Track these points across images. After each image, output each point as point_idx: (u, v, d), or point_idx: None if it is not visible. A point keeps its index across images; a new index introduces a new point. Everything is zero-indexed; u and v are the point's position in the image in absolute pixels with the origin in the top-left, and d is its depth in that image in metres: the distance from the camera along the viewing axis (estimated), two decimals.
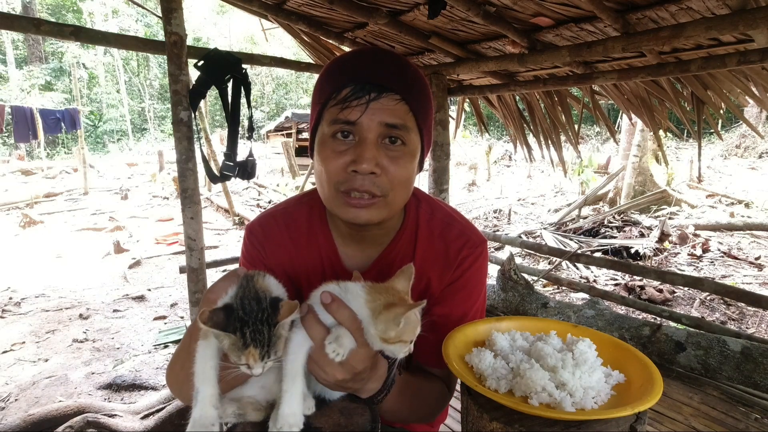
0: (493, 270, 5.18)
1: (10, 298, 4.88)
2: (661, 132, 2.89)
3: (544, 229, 7.27)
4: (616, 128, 10.10)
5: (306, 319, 0.66)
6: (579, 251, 5.26)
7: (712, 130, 3.02)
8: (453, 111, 3.64)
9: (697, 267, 5.68)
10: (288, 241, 0.92)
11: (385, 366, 0.75)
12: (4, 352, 3.76)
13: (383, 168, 0.76)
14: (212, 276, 5.67)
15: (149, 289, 5.23)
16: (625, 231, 6.68)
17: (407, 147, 0.79)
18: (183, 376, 0.68)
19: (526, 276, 3.44)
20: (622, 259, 5.85)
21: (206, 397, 0.61)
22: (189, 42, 2.14)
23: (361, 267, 0.90)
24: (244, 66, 2.27)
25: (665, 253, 6.06)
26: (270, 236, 0.93)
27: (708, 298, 4.68)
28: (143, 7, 3.79)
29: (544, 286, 5.10)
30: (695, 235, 6.69)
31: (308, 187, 5.57)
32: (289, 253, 0.92)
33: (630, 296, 4.49)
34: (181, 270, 2.35)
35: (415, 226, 0.92)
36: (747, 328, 4.18)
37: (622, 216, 7.45)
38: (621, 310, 4.15)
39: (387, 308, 0.64)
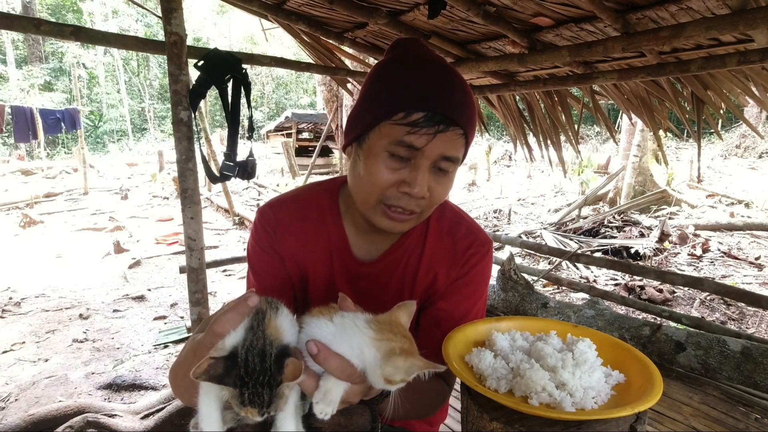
0: (493, 270, 5.16)
1: (10, 298, 4.88)
2: (661, 132, 2.89)
3: (544, 229, 7.27)
4: (616, 128, 10.11)
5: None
6: (579, 251, 5.26)
7: (712, 130, 3.02)
8: None
9: (697, 267, 5.68)
10: (298, 227, 0.93)
11: None
12: (4, 352, 3.76)
13: (430, 191, 0.81)
14: (212, 276, 5.68)
15: (149, 289, 5.23)
16: (625, 231, 6.68)
17: (451, 175, 0.83)
18: (186, 384, 0.68)
19: (526, 276, 3.44)
20: (622, 259, 5.85)
21: (212, 423, 0.59)
22: (189, 42, 2.14)
23: (370, 257, 0.93)
24: (244, 66, 2.27)
25: (665, 253, 6.06)
26: (281, 221, 0.93)
27: (708, 298, 4.68)
28: (143, 7, 3.79)
29: (544, 286, 5.10)
30: (695, 235, 6.69)
31: None
32: (298, 239, 0.93)
33: (630, 296, 4.49)
34: (181, 270, 2.35)
35: (425, 222, 0.94)
36: (747, 328, 4.18)
37: (622, 216, 7.45)
38: (621, 310, 4.15)
39: (404, 356, 0.61)
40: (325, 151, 16.06)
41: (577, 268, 5.58)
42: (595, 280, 5.29)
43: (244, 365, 0.56)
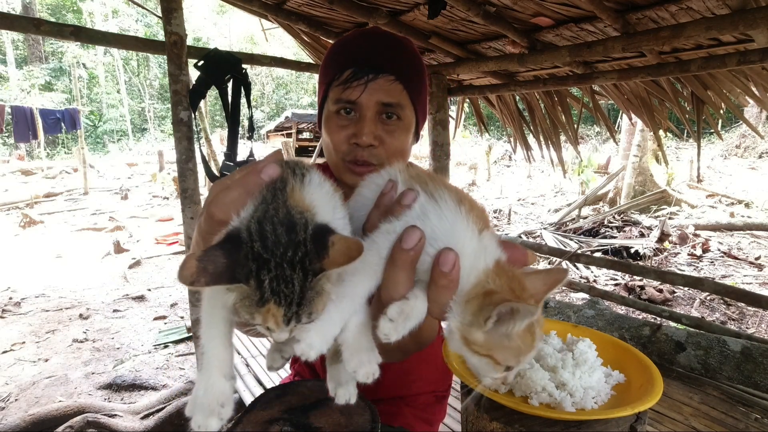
0: None
1: (10, 298, 4.88)
2: (661, 132, 2.89)
3: (544, 229, 7.27)
4: (616, 128, 10.11)
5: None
6: (579, 251, 5.26)
7: (712, 130, 3.02)
8: (453, 111, 3.64)
9: (697, 267, 5.68)
10: None
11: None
12: (4, 352, 3.76)
13: (381, 140, 0.86)
14: None
15: (149, 289, 5.23)
16: (625, 231, 6.68)
17: (402, 122, 0.89)
18: None
19: None
20: (622, 259, 5.85)
21: (214, 364, 0.43)
22: (189, 42, 2.14)
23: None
24: (244, 66, 2.27)
25: (665, 253, 6.06)
26: None
27: (708, 298, 4.68)
28: (143, 7, 3.80)
29: None
30: (695, 235, 6.69)
31: None
32: None
33: (630, 296, 4.49)
34: None
35: None
36: (747, 328, 4.18)
37: (622, 216, 7.46)
38: (621, 310, 4.15)
39: (486, 295, 0.45)
40: None
41: (577, 268, 5.58)
42: (595, 280, 5.29)
43: (259, 238, 0.37)
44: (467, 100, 3.49)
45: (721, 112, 2.54)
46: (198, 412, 0.42)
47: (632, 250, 5.97)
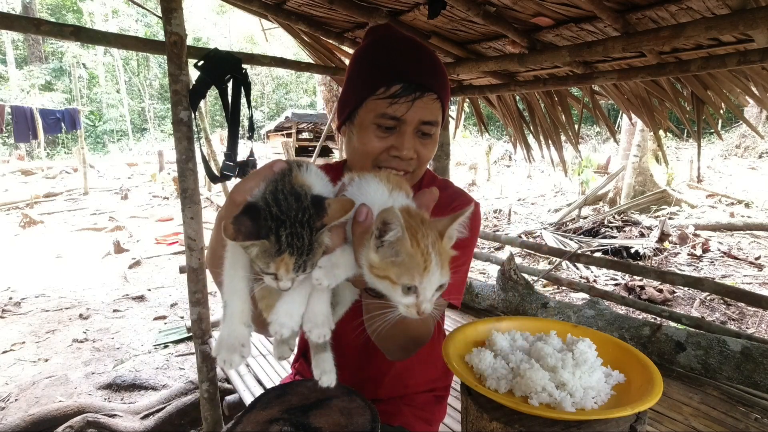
0: (493, 270, 5.18)
1: (10, 298, 4.88)
2: (661, 132, 2.89)
3: (544, 229, 7.27)
4: (616, 128, 10.09)
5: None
6: (579, 251, 5.26)
7: (712, 130, 3.02)
8: (453, 111, 3.64)
9: (697, 267, 5.68)
10: None
11: None
12: (4, 352, 3.76)
13: (417, 153, 0.93)
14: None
15: (149, 289, 5.24)
16: (625, 231, 6.68)
17: (434, 136, 0.96)
18: (218, 260, 0.65)
19: (526, 276, 3.44)
20: (622, 259, 5.85)
21: (235, 314, 0.54)
22: (189, 42, 2.14)
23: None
24: (244, 66, 2.27)
25: (665, 253, 6.06)
26: None
27: (708, 298, 4.68)
28: (143, 7, 3.80)
29: (544, 286, 5.10)
30: (695, 235, 6.69)
31: None
32: None
33: (630, 296, 4.49)
34: (181, 270, 2.35)
35: (419, 185, 1.09)
36: (747, 328, 4.18)
37: (622, 216, 7.45)
38: (621, 310, 4.15)
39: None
40: (325, 151, 16.04)
41: (577, 268, 5.58)
42: (595, 280, 5.29)
43: (276, 204, 0.50)
44: (467, 100, 3.49)
45: (721, 112, 2.54)
46: (223, 350, 0.53)
47: (632, 250, 5.96)
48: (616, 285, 5.16)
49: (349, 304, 0.73)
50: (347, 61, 3.34)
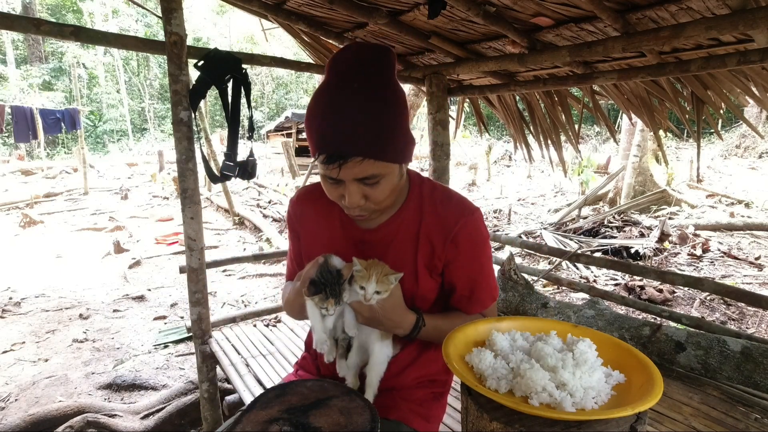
0: (493, 269, 5.16)
1: (10, 298, 4.88)
2: (661, 132, 2.89)
3: (544, 229, 7.27)
4: (616, 128, 10.09)
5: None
6: (579, 251, 5.26)
7: (712, 130, 3.02)
8: (453, 111, 3.64)
9: (697, 267, 5.68)
10: (313, 207, 1.15)
11: (410, 321, 1.00)
12: (4, 352, 3.76)
13: (367, 197, 0.95)
14: (212, 276, 5.68)
15: (149, 289, 5.24)
16: (625, 231, 6.68)
17: (382, 177, 0.93)
18: (297, 308, 1.04)
19: (526, 276, 3.43)
20: (622, 259, 5.85)
21: (319, 331, 0.98)
22: (189, 42, 2.14)
23: (370, 227, 1.10)
24: (244, 66, 2.27)
25: (665, 253, 6.05)
26: (304, 210, 1.17)
27: (708, 298, 4.68)
28: (143, 7, 3.80)
29: (544, 286, 5.10)
30: (695, 235, 6.69)
31: None
32: (317, 222, 1.15)
33: (630, 296, 4.49)
34: (181, 270, 2.34)
35: (419, 198, 1.08)
36: (747, 328, 4.18)
37: (622, 216, 7.45)
38: (621, 310, 4.15)
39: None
40: None
41: (577, 268, 5.58)
42: (595, 280, 5.29)
43: (322, 277, 0.92)
44: (467, 100, 3.49)
45: (721, 112, 2.54)
46: (318, 343, 0.98)
47: (632, 250, 5.96)
48: (616, 285, 5.16)
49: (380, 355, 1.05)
50: None
